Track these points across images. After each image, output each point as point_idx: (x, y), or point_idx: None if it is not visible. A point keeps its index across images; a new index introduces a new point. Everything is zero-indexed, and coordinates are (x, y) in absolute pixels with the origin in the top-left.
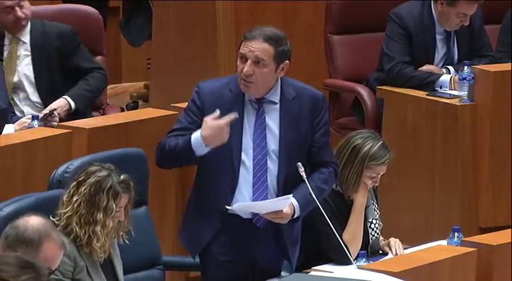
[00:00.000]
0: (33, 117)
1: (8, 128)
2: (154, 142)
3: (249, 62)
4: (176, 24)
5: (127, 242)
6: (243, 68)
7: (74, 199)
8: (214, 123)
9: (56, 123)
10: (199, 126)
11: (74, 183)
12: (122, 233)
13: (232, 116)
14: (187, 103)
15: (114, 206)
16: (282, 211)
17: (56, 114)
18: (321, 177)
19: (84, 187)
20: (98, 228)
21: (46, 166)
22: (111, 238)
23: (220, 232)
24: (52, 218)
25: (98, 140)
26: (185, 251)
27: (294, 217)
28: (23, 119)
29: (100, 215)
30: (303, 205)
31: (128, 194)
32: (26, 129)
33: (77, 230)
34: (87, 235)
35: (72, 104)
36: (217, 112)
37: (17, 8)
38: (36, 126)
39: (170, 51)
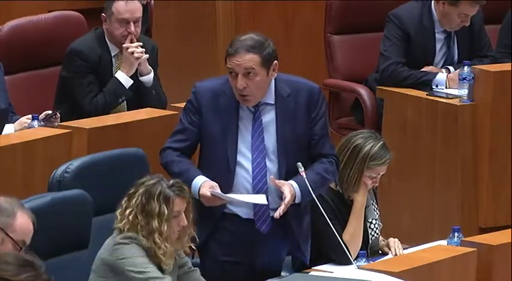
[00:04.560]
0: (33, 117)
1: (8, 128)
2: (154, 142)
3: (239, 76)
4: (176, 24)
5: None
6: (236, 83)
7: (128, 211)
8: (214, 200)
9: (57, 124)
10: (198, 127)
11: (125, 198)
12: (186, 239)
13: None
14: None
15: (166, 210)
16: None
17: (59, 115)
18: (322, 166)
19: (135, 199)
20: (156, 235)
21: (46, 166)
22: (173, 242)
23: (219, 231)
24: (113, 238)
25: (98, 140)
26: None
27: (296, 202)
28: (23, 119)
29: (155, 223)
30: (304, 191)
31: (182, 197)
32: (26, 129)
33: (145, 242)
34: (152, 246)
35: None
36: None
37: (132, 23)
38: (36, 126)
39: (170, 51)
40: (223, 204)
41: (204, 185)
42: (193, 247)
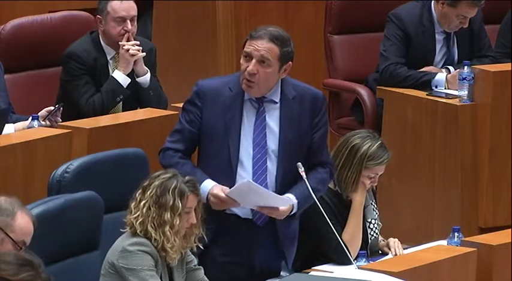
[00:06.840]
0: (33, 117)
1: (8, 128)
2: (154, 141)
3: (253, 60)
4: (176, 24)
5: (199, 247)
6: (247, 66)
7: (142, 203)
8: (226, 200)
9: (59, 119)
10: (197, 126)
11: (140, 190)
12: (193, 238)
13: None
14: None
15: (180, 204)
16: (278, 208)
17: (61, 107)
18: (318, 177)
19: (149, 191)
20: (167, 228)
21: (46, 166)
22: (181, 237)
23: (219, 232)
24: (122, 230)
25: (98, 140)
26: None
27: (291, 213)
28: (26, 123)
29: (168, 215)
30: (301, 203)
31: (195, 194)
32: (26, 129)
33: (153, 233)
34: (161, 238)
35: None
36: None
37: (129, 21)
38: (36, 126)
39: (170, 51)
40: (223, 193)
41: (215, 187)
42: (201, 247)
